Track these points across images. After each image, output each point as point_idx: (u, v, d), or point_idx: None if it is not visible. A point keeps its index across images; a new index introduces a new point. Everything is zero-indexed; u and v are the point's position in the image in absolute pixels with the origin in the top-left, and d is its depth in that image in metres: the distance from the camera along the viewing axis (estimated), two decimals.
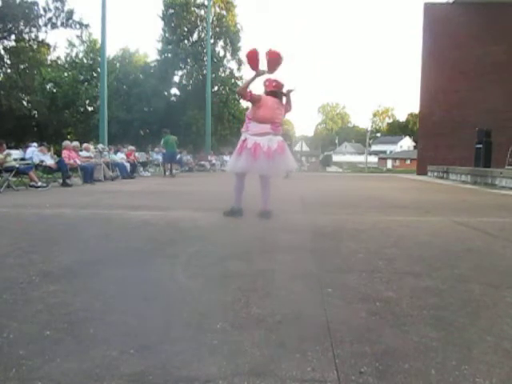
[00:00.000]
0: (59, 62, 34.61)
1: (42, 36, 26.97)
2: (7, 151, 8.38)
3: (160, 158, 14.84)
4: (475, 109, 14.79)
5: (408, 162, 52.18)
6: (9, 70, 27.34)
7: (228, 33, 32.89)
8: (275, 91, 4.43)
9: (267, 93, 4.44)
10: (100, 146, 13.04)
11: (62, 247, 3.08)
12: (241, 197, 4.50)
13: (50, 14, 25.11)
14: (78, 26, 26.24)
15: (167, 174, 13.43)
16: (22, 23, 24.64)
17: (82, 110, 34.33)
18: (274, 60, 4.29)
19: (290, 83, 4.50)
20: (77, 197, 7.05)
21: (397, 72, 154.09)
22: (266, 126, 4.29)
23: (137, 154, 15.05)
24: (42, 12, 24.81)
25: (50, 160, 9.57)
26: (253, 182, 4.77)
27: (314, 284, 2.27)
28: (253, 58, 4.34)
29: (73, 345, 1.52)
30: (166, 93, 33.88)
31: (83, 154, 11.20)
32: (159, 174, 14.57)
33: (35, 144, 11.24)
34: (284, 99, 4.55)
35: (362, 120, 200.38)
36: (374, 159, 60.43)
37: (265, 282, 2.29)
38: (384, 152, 68.79)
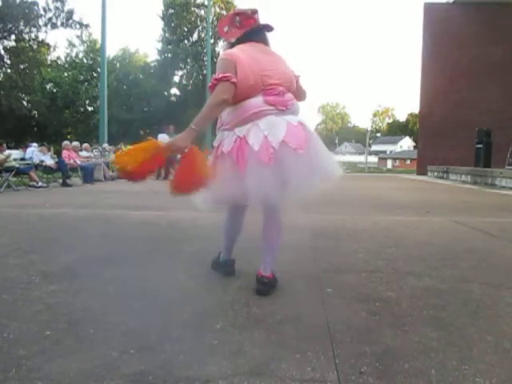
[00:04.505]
0: (59, 62, 34.66)
1: (42, 36, 27.13)
2: (8, 151, 8.37)
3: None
4: (475, 109, 14.79)
5: (408, 162, 52.15)
6: (9, 70, 27.36)
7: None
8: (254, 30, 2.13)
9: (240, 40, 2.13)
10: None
11: (62, 247, 3.08)
12: (231, 243, 2.42)
13: (50, 14, 25.19)
14: (78, 25, 26.32)
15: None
16: (22, 23, 24.67)
17: (82, 110, 34.39)
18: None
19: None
20: (77, 197, 7.05)
21: (397, 72, 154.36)
22: (253, 102, 1.99)
23: None
24: (42, 12, 24.88)
25: (49, 160, 9.58)
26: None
27: (314, 284, 2.27)
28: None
29: (73, 345, 1.52)
30: (165, 93, 33.94)
31: (83, 153, 11.21)
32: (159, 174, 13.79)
33: (35, 144, 11.25)
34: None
35: (362, 120, 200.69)
36: (374, 159, 60.34)
37: None
38: (384, 152, 68.74)
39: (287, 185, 1.93)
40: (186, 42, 33.01)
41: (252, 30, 2.08)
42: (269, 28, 2.17)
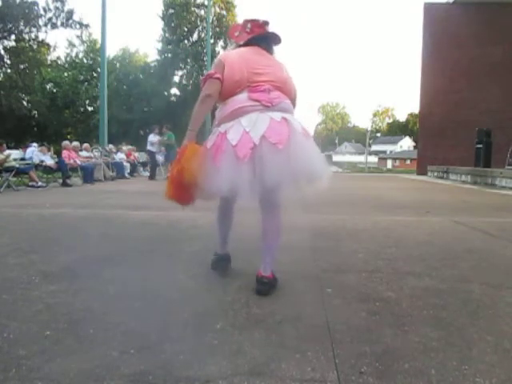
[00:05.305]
0: (59, 62, 34.64)
1: (42, 36, 27.07)
2: (8, 151, 8.38)
3: (161, 158, 12.73)
4: (475, 109, 14.79)
5: (408, 162, 52.18)
6: (9, 70, 27.34)
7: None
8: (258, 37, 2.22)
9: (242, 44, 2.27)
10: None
11: (62, 247, 3.08)
12: (224, 234, 2.45)
13: (50, 14, 25.15)
14: (78, 25, 26.28)
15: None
16: (22, 23, 24.64)
17: (82, 109, 34.37)
18: None
19: None
20: (77, 197, 7.05)
21: (397, 72, 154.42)
22: (238, 99, 2.05)
23: (136, 154, 15.03)
24: (42, 12, 24.84)
25: (50, 160, 9.58)
26: None
27: (314, 284, 2.27)
28: None
29: (73, 345, 1.52)
30: (166, 93, 33.90)
31: (83, 153, 11.21)
32: (159, 174, 12.65)
33: (35, 144, 11.24)
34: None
35: (362, 120, 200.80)
36: (374, 159, 60.40)
37: None
38: (384, 152, 68.78)
39: (264, 179, 1.89)
40: (186, 42, 32.99)
41: (258, 36, 2.19)
42: (276, 40, 2.28)
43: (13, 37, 25.53)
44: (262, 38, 2.20)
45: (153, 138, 12.07)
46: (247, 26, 2.22)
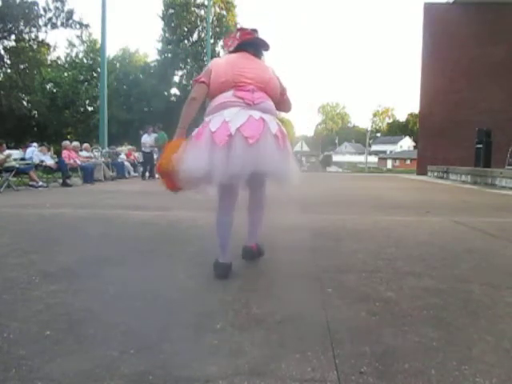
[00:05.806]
0: (59, 62, 34.65)
1: (42, 36, 27.02)
2: (8, 151, 8.38)
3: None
4: (475, 109, 14.79)
5: (408, 162, 52.20)
6: (9, 70, 27.32)
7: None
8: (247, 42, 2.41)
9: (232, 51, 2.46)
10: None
11: (62, 247, 3.08)
12: (226, 242, 2.37)
13: (50, 14, 25.12)
14: (78, 25, 26.25)
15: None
16: (22, 23, 24.62)
17: (82, 109, 34.39)
18: None
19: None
20: (77, 197, 7.05)
21: (397, 72, 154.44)
22: (224, 95, 2.25)
23: (136, 154, 15.03)
24: (42, 12, 24.81)
25: (50, 160, 9.58)
26: None
27: (314, 284, 2.27)
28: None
29: (73, 345, 1.52)
30: (165, 93, 33.93)
31: (83, 153, 11.21)
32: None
33: (35, 144, 11.25)
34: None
35: (362, 120, 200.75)
36: (374, 159, 60.41)
37: (265, 281, 2.29)
38: (384, 152, 68.79)
39: (233, 167, 2.06)
40: (186, 42, 33.02)
41: (246, 42, 2.39)
42: (265, 46, 2.47)
43: (13, 37, 25.50)
44: (249, 43, 2.39)
45: (146, 138, 11.98)
46: (237, 34, 2.45)
